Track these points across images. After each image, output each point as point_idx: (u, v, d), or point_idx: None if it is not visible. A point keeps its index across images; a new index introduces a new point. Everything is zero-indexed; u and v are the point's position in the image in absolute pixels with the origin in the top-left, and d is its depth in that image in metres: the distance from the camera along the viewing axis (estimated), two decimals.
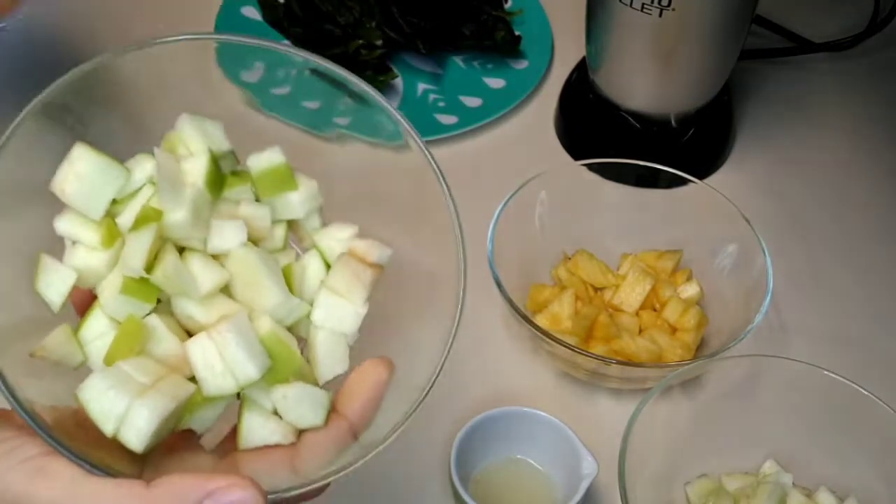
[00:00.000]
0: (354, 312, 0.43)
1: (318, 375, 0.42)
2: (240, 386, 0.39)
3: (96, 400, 0.37)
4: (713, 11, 0.73)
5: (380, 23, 0.87)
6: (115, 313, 0.39)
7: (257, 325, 0.40)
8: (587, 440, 0.60)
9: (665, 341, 0.68)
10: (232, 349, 0.38)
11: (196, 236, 0.41)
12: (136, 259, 0.38)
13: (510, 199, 0.70)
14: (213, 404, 0.40)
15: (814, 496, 0.62)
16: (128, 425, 0.37)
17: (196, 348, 0.39)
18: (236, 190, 0.43)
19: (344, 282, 0.42)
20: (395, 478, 0.64)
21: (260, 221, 0.43)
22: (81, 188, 0.39)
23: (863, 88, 0.93)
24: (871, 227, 0.82)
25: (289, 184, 0.44)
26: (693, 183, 0.73)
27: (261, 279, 0.40)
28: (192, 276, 0.40)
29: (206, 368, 0.39)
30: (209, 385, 0.39)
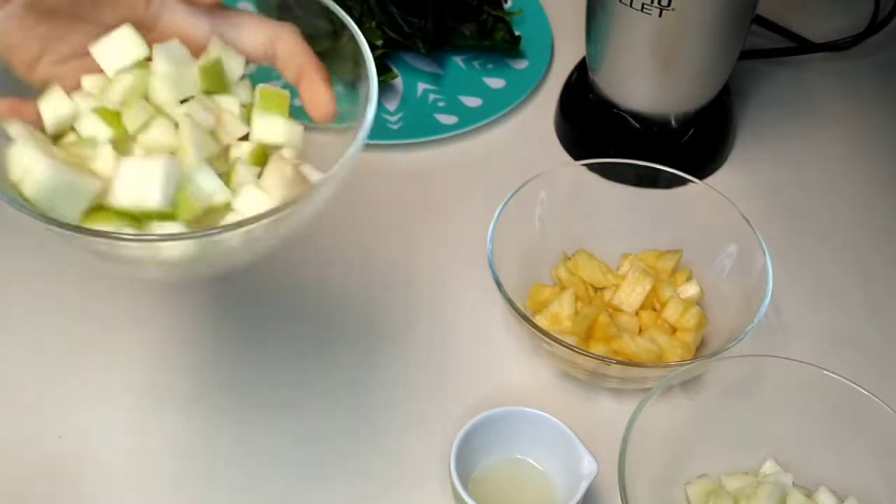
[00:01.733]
0: (269, 205, 0.46)
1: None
2: (139, 205, 0.45)
3: (14, 152, 0.44)
4: (713, 11, 0.73)
5: (380, 23, 0.87)
6: (83, 129, 0.47)
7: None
8: (587, 440, 0.60)
9: (665, 341, 0.68)
10: (152, 174, 0.44)
11: (170, 102, 0.48)
12: (116, 93, 0.48)
13: (510, 199, 0.70)
14: (112, 222, 0.45)
15: (814, 496, 0.62)
16: (30, 175, 0.43)
17: (129, 161, 0.45)
18: (226, 99, 0.50)
19: (270, 179, 0.48)
20: (396, 477, 0.64)
21: (232, 128, 0.50)
22: (110, 48, 0.48)
23: (863, 88, 0.93)
24: (871, 226, 0.82)
25: (283, 110, 0.51)
26: (693, 183, 0.73)
27: (187, 145, 0.47)
28: (150, 125, 0.47)
29: (123, 181, 0.45)
30: (118, 195, 0.45)
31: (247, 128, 0.50)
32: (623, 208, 0.74)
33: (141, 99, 0.48)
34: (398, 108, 0.87)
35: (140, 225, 0.45)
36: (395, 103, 0.87)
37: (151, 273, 0.50)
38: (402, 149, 0.84)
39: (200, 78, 0.50)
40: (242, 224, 0.43)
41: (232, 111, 0.51)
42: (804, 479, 0.63)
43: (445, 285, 0.75)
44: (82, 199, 0.44)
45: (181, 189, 0.45)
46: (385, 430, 0.66)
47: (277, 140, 0.50)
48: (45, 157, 0.43)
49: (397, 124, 0.85)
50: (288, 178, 0.48)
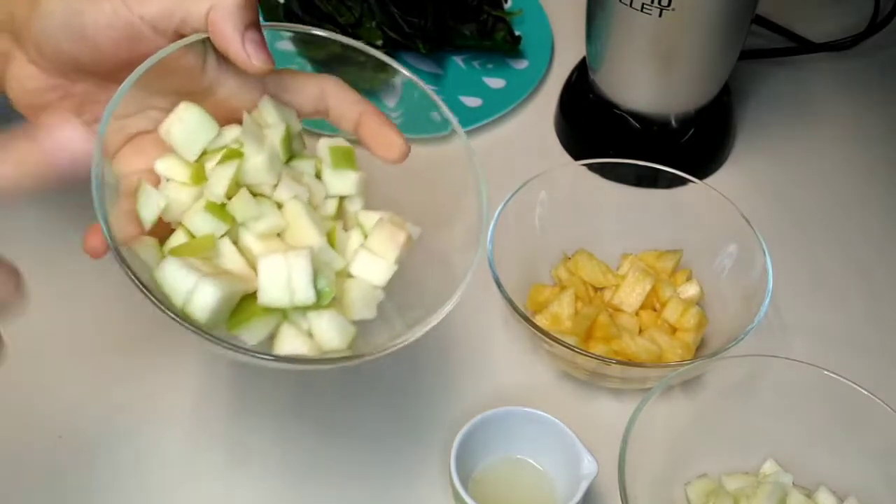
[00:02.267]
0: (386, 268, 0.51)
1: (349, 315, 0.50)
2: (293, 303, 0.47)
3: (170, 277, 0.45)
4: (713, 11, 0.73)
5: (380, 23, 0.87)
6: (196, 227, 0.48)
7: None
8: (587, 440, 0.60)
9: (665, 341, 0.68)
10: (299, 271, 0.46)
11: (267, 182, 0.50)
12: (219, 186, 0.48)
13: (510, 199, 0.70)
14: (266, 318, 0.47)
15: (814, 496, 0.62)
16: (194, 300, 0.44)
17: (268, 261, 0.46)
18: (302, 163, 0.52)
19: (380, 242, 0.51)
20: (395, 477, 0.64)
21: (317, 191, 0.52)
22: (183, 132, 0.49)
23: (863, 88, 0.93)
24: (871, 226, 0.82)
25: (352, 163, 0.53)
26: (693, 183, 0.73)
27: (305, 225, 0.49)
28: (262, 211, 0.48)
29: (270, 280, 0.46)
30: (267, 294, 0.46)
31: (323, 186, 0.53)
32: (623, 208, 0.74)
33: (244, 188, 0.49)
34: (397, 107, 0.87)
35: (285, 315, 0.48)
36: (395, 103, 0.87)
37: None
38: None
39: (283, 153, 0.51)
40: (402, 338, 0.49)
41: (310, 173, 0.53)
42: (804, 479, 0.63)
43: None
44: (234, 304, 0.47)
45: (316, 275, 0.47)
46: (385, 430, 0.66)
47: (351, 192, 0.53)
48: (207, 279, 0.45)
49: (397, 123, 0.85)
50: (399, 241, 0.51)
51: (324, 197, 0.53)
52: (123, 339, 0.69)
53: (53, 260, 0.66)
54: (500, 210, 0.69)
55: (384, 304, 0.52)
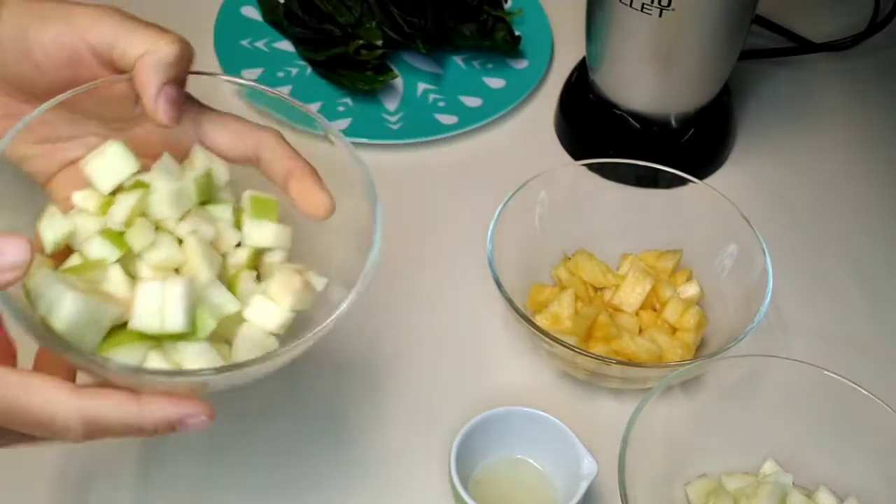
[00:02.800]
0: (280, 314, 0.49)
1: (237, 357, 0.49)
2: (162, 330, 0.46)
3: (39, 286, 0.45)
4: (713, 11, 0.73)
5: (380, 23, 0.87)
6: (91, 252, 0.48)
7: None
8: (587, 440, 0.60)
9: (665, 341, 0.68)
10: (174, 298, 0.46)
11: (172, 218, 0.50)
12: (119, 213, 0.48)
13: (510, 199, 0.70)
14: (137, 343, 0.46)
15: (814, 496, 0.62)
16: (56, 309, 0.44)
17: (145, 286, 0.46)
18: (219, 208, 0.52)
19: (277, 287, 0.50)
20: (395, 478, 0.64)
21: (229, 237, 0.51)
22: (101, 165, 0.50)
23: (863, 88, 0.93)
24: (871, 226, 0.82)
25: (272, 215, 0.52)
26: (693, 183, 0.73)
27: (198, 262, 0.49)
28: (156, 242, 0.49)
29: (144, 305, 0.46)
30: (140, 319, 0.46)
31: (239, 234, 0.52)
32: (623, 208, 0.74)
33: (144, 219, 0.49)
34: (398, 108, 0.87)
35: (159, 343, 0.47)
36: (395, 103, 0.87)
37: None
38: (402, 149, 0.84)
39: (196, 191, 0.51)
40: (269, 357, 0.46)
41: (226, 220, 0.52)
42: (804, 479, 0.63)
43: (445, 285, 0.75)
44: (105, 326, 0.46)
45: (197, 307, 0.47)
46: (385, 430, 0.66)
47: (269, 245, 0.52)
48: (71, 290, 0.44)
49: (397, 124, 0.85)
50: (297, 288, 0.50)
51: (235, 244, 0.52)
52: None
53: None
54: (500, 210, 0.69)
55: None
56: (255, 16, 0.93)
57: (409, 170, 0.83)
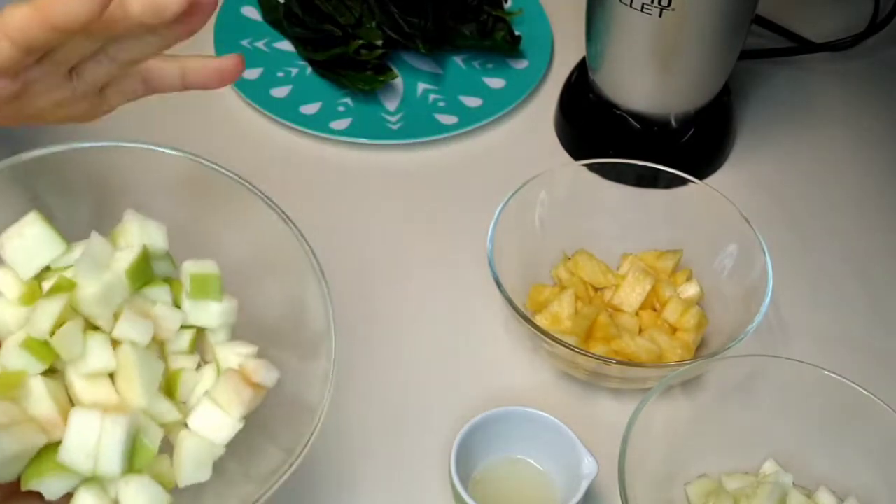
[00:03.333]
0: (229, 425, 0.46)
1: (179, 478, 0.45)
2: (93, 474, 0.42)
3: None
4: (713, 11, 0.73)
5: (380, 23, 0.87)
6: (10, 364, 0.43)
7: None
8: (587, 440, 0.60)
9: (665, 341, 0.68)
10: (112, 441, 0.41)
11: (104, 316, 0.44)
12: (43, 322, 0.42)
13: (510, 199, 0.70)
14: (64, 476, 0.42)
15: (814, 496, 0.62)
16: None
17: (82, 417, 0.41)
18: (156, 290, 0.47)
19: (225, 395, 0.46)
20: (396, 478, 0.64)
21: (170, 323, 0.47)
22: (21, 247, 0.44)
23: (863, 88, 0.93)
24: (871, 226, 0.82)
25: (215, 293, 0.48)
26: (693, 183, 0.73)
27: (135, 379, 0.44)
28: (87, 350, 0.43)
29: (76, 439, 0.41)
30: (70, 455, 0.41)
31: (180, 315, 0.48)
32: (623, 208, 0.74)
33: (73, 323, 0.43)
34: (398, 108, 0.87)
35: (91, 479, 0.43)
36: (396, 103, 0.87)
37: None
38: (402, 149, 0.84)
39: (129, 281, 0.46)
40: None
41: (165, 302, 0.48)
42: (804, 479, 0.63)
43: (445, 285, 0.75)
44: (30, 453, 0.42)
45: (136, 435, 0.43)
46: (385, 430, 0.66)
47: (213, 325, 0.49)
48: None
49: (397, 124, 0.85)
50: (245, 397, 0.46)
51: (177, 329, 0.48)
52: None
53: None
54: (500, 210, 0.69)
55: (225, 461, 0.47)
56: (255, 16, 0.93)
57: (409, 170, 0.83)
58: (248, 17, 0.93)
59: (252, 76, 0.87)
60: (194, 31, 0.45)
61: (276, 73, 0.88)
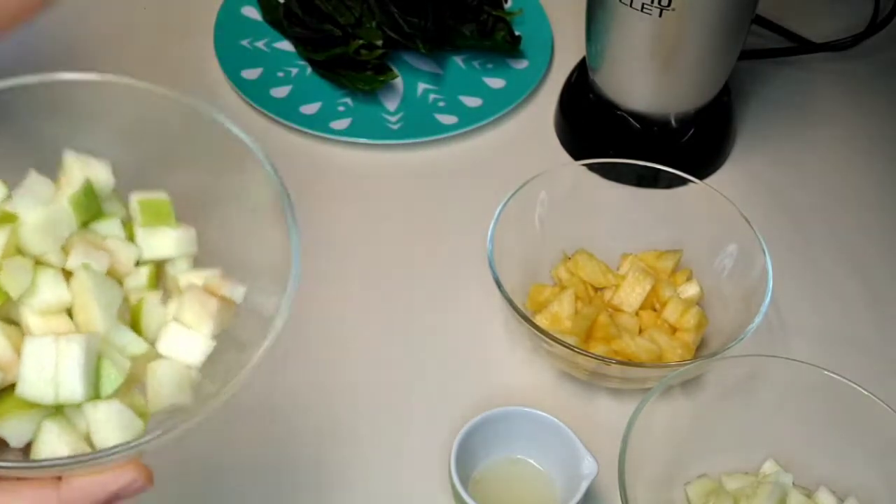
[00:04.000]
0: (201, 342, 0.43)
1: (156, 403, 0.42)
2: (57, 401, 0.39)
3: None
4: (713, 11, 0.73)
5: (380, 23, 0.87)
6: None
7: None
8: (587, 440, 0.60)
9: (665, 341, 0.68)
10: (70, 362, 0.39)
11: (52, 250, 0.42)
12: None
13: (510, 199, 0.70)
14: (27, 416, 0.39)
15: (814, 496, 0.62)
16: None
17: (34, 346, 0.39)
18: (107, 223, 0.45)
19: (191, 312, 0.43)
20: (395, 478, 0.64)
21: (124, 256, 0.44)
22: None
23: (863, 88, 0.93)
24: (871, 226, 0.82)
25: (168, 219, 0.45)
26: (693, 183, 0.73)
27: (91, 304, 0.41)
28: (37, 284, 0.41)
29: (34, 369, 0.39)
30: (29, 387, 0.39)
31: (135, 248, 0.45)
32: (623, 208, 0.74)
33: (20, 257, 0.41)
34: (398, 108, 0.87)
35: (58, 410, 0.40)
36: (395, 103, 0.87)
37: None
38: (402, 149, 0.84)
39: (74, 212, 0.43)
40: (173, 427, 0.38)
41: (117, 236, 0.45)
42: (804, 479, 0.63)
43: (445, 285, 0.75)
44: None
45: (100, 359, 0.40)
46: (385, 430, 0.66)
47: (170, 254, 0.45)
48: None
49: (397, 124, 0.85)
50: (213, 310, 0.43)
51: (133, 262, 0.45)
52: None
53: None
54: (500, 210, 0.69)
55: (203, 384, 0.43)
56: (255, 16, 0.93)
57: (409, 170, 0.83)
58: (248, 17, 0.93)
59: (252, 76, 0.87)
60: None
61: (276, 73, 0.88)
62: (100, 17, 0.92)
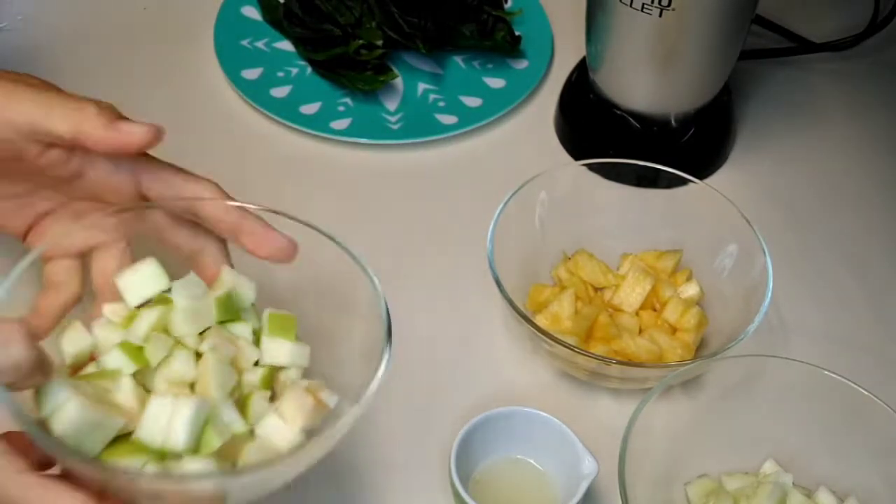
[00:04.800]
0: (291, 434, 0.50)
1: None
2: (164, 446, 0.46)
3: (48, 388, 0.45)
4: (713, 11, 0.73)
5: (380, 23, 0.87)
6: (106, 363, 0.49)
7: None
8: (587, 440, 0.60)
9: (665, 341, 0.68)
10: (181, 418, 0.46)
11: (190, 334, 0.51)
12: (141, 327, 0.50)
13: (510, 199, 0.70)
14: (137, 455, 0.46)
15: (814, 496, 0.62)
16: (58, 413, 0.45)
17: (157, 400, 0.47)
18: (239, 326, 0.53)
19: (290, 407, 0.50)
20: (396, 477, 0.64)
21: (247, 356, 0.52)
22: (133, 280, 0.52)
23: (863, 88, 0.93)
24: (871, 226, 0.82)
25: (290, 333, 0.53)
26: (693, 183, 0.73)
27: (210, 380, 0.49)
28: (172, 358, 0.50)
29: (152, 418, 0.46)
30: (145, 432, 0.46)
31: (257, 351, 0.53)
32: (623, 208, 0.74)
33: (162, 334, 0.51)
34: (398, 108, 0.87)
35: (161, 459, 0.47)
36: (396, 103, 0.87)
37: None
38: (402, 149, 0.84)
39: (216, 309, 0.52)
40: (259, 467, 0.47)
41: (246, 338, 0.53)
42: (804, 479, 0.63)
43: (445, 285, 0.75)
44: (107, 435, 0.47)
45: (205, 425, 0.47)
46: (385, 430, 0.66)
47: (285, 363, 0.53)
48: (76, 396, 0.45)
49: (397, 124, 0.85)
50: (308, 409, 0.50)
51: (254, 363, 0.53)
52: None
53: None
54: (500, 210, 0.69)
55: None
56: (255, 16, 0.93)
57: (409, 170, 0.83)
58: (248, 17, 0.93)
59: (252, 76, 0.87)
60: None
61: (276, 73, 0.88)
62: (100, 17, 0.92)
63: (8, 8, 0.91)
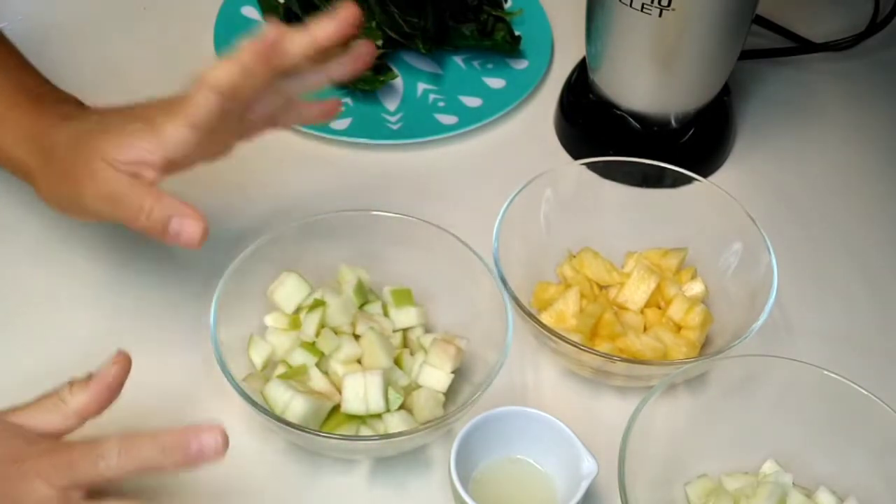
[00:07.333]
0: (444, 376, 0.64)
1: (420, 416, 0.63)
2: (367, 412, 0.61)
3: (273, 392, 0.61)
4: (713, 11, 0.73)
5: (380, 23, 0.87)
6: (294, 361, 0.64)
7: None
8: (590, 439, 0.60)
9: (670, 339, 0.68)
10: (374, 388, 0.61)
11: (345, 322, 0.66)
12: (310, 328, 0.65)
13: (515, 197, 0.70)
14: (349, 423, 0.62)
15: (814, 496, 0.62)
16: (290, 409, 0.60)
17: (351, 379, 0.62)
18: (372, 306, 0.68)
19: (436, 357, 0.64)
20: (395, 477, 0.64)
21: (385, 327, 0.67)
22: (284, 292, 0.67)
23: (863, 88, 0.94)
24: (873, 226, 0.82)
25: (410, 301, 0.68)
26: (698, 181, 0.73)
27: (377, 352, 0.64)
28: (340, 344, 0.64)
29: (352, 392, 0.61)
30: (349, 404, 0.61)
31: (390, 322, 0.67)
32: (628, 207, 0.75)
33: (327, 328, 0.65)
34: (398, 108, 0.87)
35: (364, 421, 0.62)
36: (395, 103, 0.87)
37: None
38: (402, 149, 0.84)
39: (355, 297, 0.67)
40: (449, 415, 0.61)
41: (379, 314, 0.68)
42: (804, 479, 0.63)
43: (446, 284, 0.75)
44: (323, 415, 0.62)
45: (387, 387, 0.62)
46: None
47: (413, 324, 0.68)
48: (298, 394, 0.60)
49: (397, 124, 0.85)
50: (451, 354, 0.64)
51: (392, 330, 0.67)
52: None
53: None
54: (506, 208, 0.69)
55: (448, 405, 0.64)
56: (255, 16, 0.93)
57: (409, 170, 0.83)
58: (248, 17, 0.93)
59: None
60: (358, 69, 0.66)
61: None
62: (100, 16, 0.92)
63: (8, 7, 0.91)
